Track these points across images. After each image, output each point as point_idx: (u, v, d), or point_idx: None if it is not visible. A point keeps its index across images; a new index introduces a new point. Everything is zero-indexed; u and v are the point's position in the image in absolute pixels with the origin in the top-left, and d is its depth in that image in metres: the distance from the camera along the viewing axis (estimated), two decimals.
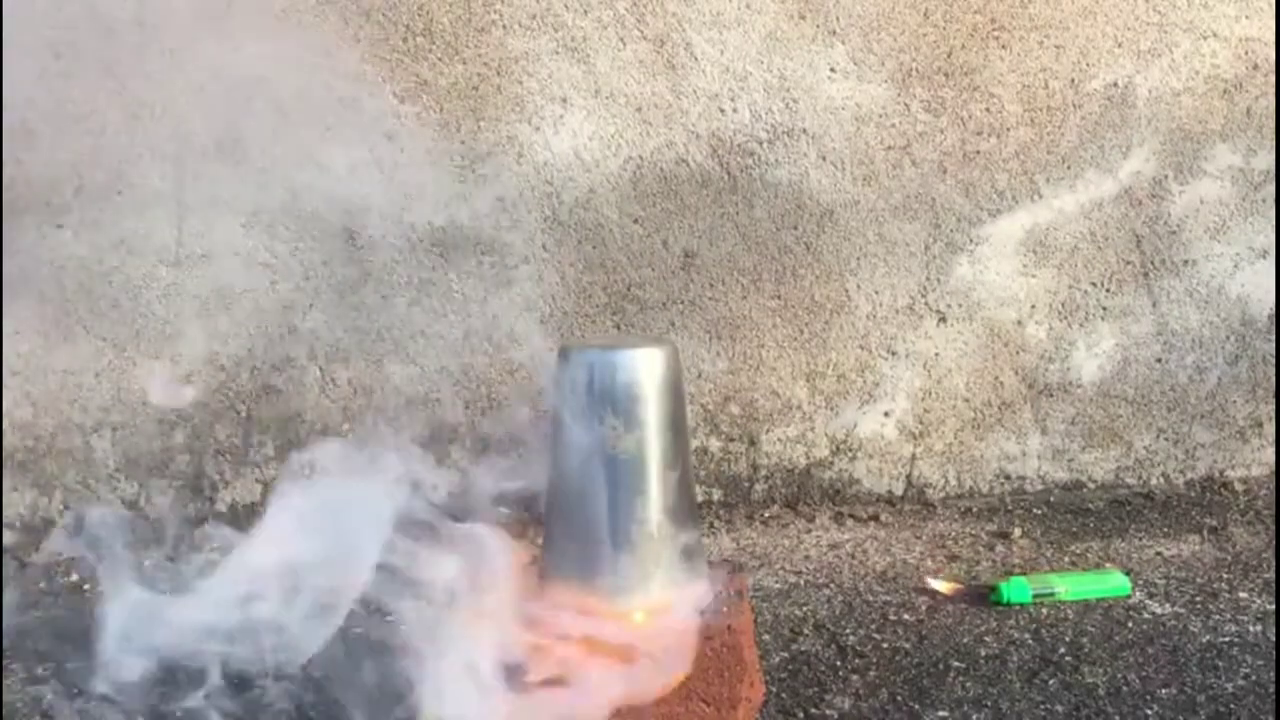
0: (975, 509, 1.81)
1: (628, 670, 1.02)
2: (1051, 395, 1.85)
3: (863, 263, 1.79)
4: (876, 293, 1.80)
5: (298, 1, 1.64)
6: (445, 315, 1.73)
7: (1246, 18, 1.77)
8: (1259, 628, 1.34)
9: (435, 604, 1.05)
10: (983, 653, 1.30)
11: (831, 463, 1.84)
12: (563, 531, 1.14)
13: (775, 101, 1.74)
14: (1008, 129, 1.77)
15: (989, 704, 1.17)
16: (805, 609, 1.44)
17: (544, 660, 1.03)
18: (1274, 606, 1.39)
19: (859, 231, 1.78)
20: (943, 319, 1.82)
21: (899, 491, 1.86)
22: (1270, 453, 1.88)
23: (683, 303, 1.77)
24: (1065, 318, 1.83)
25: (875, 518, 1.78)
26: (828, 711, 1.17)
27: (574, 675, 1.02)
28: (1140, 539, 1.66)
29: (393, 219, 1.70)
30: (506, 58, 1.68)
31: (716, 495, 1.83)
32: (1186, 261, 1.83)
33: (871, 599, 1.46)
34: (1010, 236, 1.80)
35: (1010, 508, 1.81)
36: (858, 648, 1.32)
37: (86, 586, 1.63)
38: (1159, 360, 1.85)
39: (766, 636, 1.34)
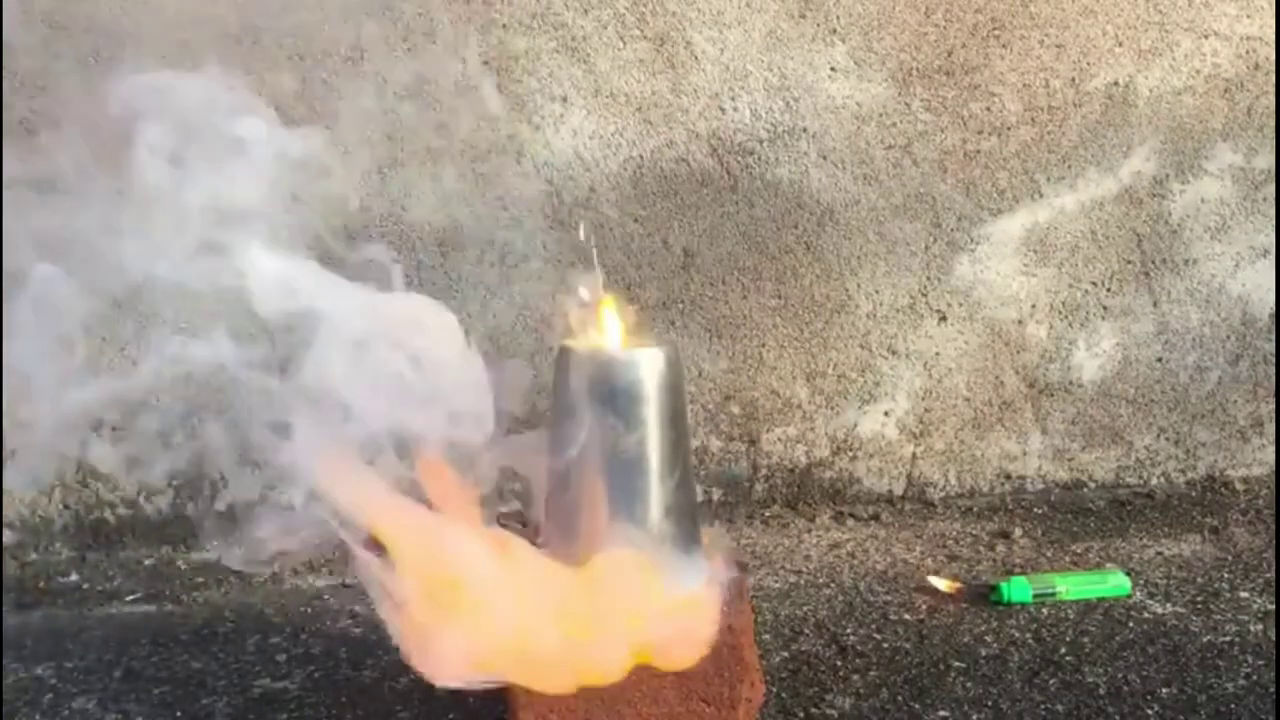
0: (976, 509, 1.81)
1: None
2: (1052, 395, 1.85)
3: (863, 262, 1.79)
4: (877, 292, 1.80)
5: None
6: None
7: (1248, 17, 1.77)
8: (1260, 627, 1.33)
9: None
10: (983, 652, 1.29)
11: (832, 462, 1.84)
12: (561, 532, 1.14)
13: (775, 101, 1.74)
14: (1008, 128, 1.77)
15: (989, 704, 1.17)
16: (805, 609, 1.43)
17: None
18: (1275, 606, 1.39)
19: (859, 231, 1.78)
20: (943, 318, 1.81)
21: (899, 491, 1.86)
22: (1271, 452, 1.88)
23: (683, 303, 1.77)
24: (1066, 317, 1.83)
25: (876, 517, 1.78)
26: (828, 711, 1.17)
27: None
28: (1141, 539, 1.66)
29: (393, 218, 1.70)
30: (506, 56, 1.68)
31: (716, 495, 1.83)
32: (1187, 261, 1.83)
33: (872, 599, 1.46)
34: (1011, 236, 1.80)
35: (1011, 507, 1.81)
36: (858, 647, 1.31)
37: (85, 586, 1.63)
38: (1160, 360, 1.85)
39: (767, 636, 1.34)
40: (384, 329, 1.00)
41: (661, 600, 1.04)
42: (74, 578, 1.65)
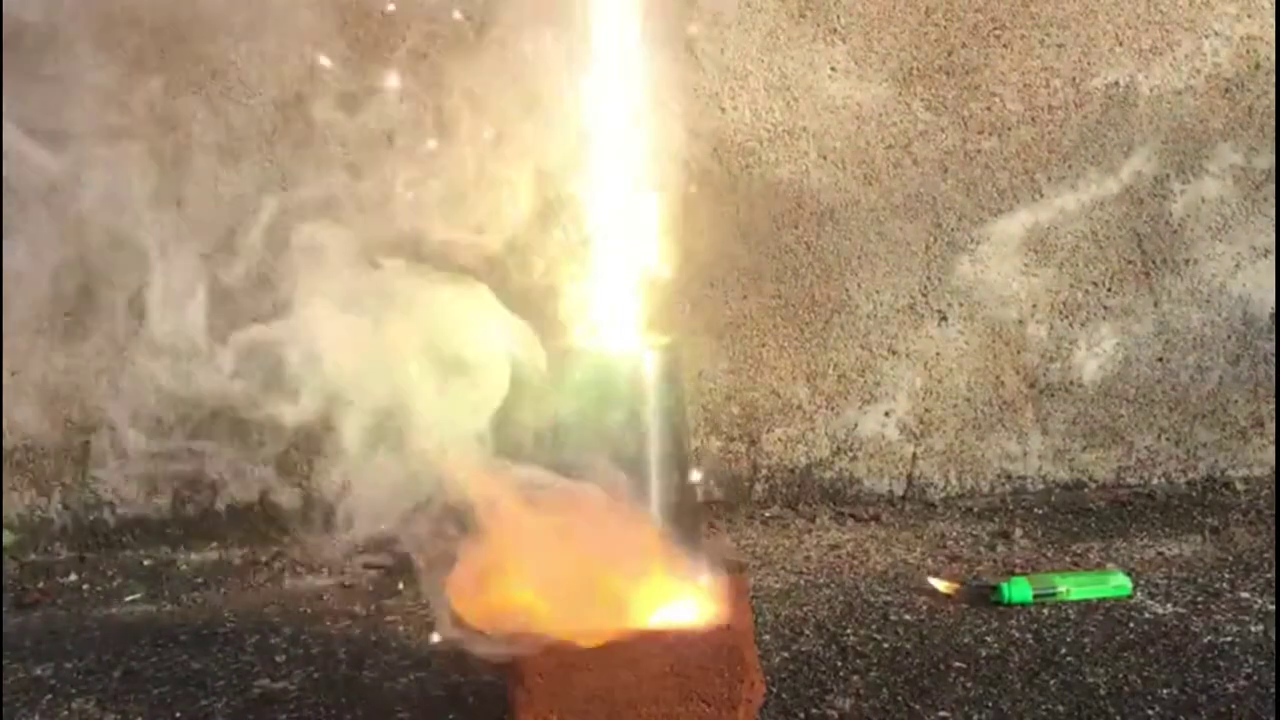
0: (976, 509, 1.81)
1: None
2: (1053, 395, 1.84)
3: (863, 262, 1.79)
4: (877, 292, 1.80)
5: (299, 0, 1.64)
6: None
7: (1248, 16, 1.77)
8: (1260, 628, 1.33)
9: None
10: (984, 653, 1.29)
11: (832, 462, 1.84)
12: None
13: (776, 100, 1.73)
14: (1009, 128, 1.77)
15: (990, 704, 1.17)
16: (806, 609, 1.43)
17: None
18: (1275, 607, 1.39)
19: (859, 231, 1.78)
20: (944, 318, 1.81)
21: (900, 491, 1.85)
22: (1271, 452, 1.88)
23: (683, 303, 1.76)
24: (1066, 317, 1.83)
25: (876, 518, 1.78)
26: (828, 712, 1.17)
27: None
28: (1141, 539, 1.66)
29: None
30: (507, 56, 1.68)
31: (717, 495, 1.82)
32: (1188, 261, 1.83)
33: (872, 599, 1.46)
34: (1011, 235, 1.80)
35: (1011, 508, 1.81)
36: (858, 648, 1.31)
37: (85, 586, 1.63)
38: (1160, 360, 1.85)
39: (767, 637, 1.34)
40: None
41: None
42: (74, 578, 1.65)
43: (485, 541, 1.03)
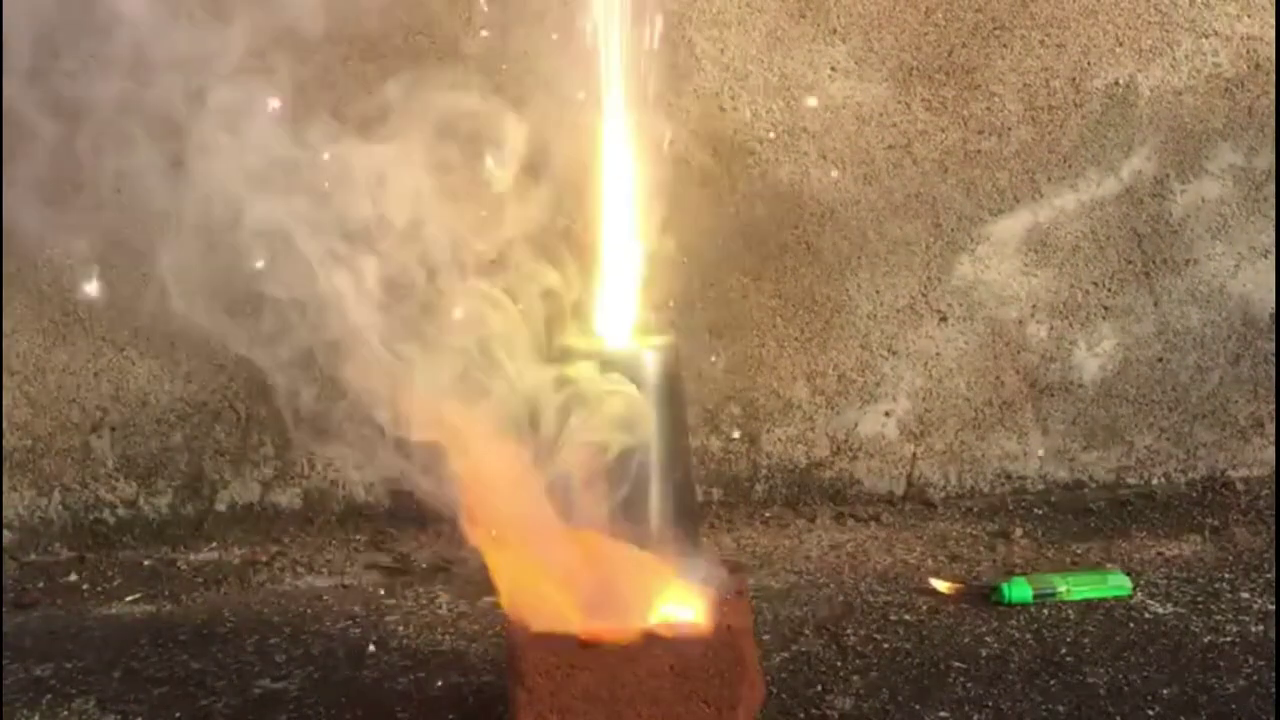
0: (976, 509, 1.81)
1: None
2: (1053, 395, 1.84)
3: (863, 262, 1.79)
4: (877, 292, 1.80)
5: None
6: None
7: (1248, 16, 1.77)
8: (1260, 628, 1.33)
9: None
10: (984, 653, 1.29)
11: (832, 462, 1.84)
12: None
13: (776, 100, 1.73)
14: (1009, 128, 1.77)
15: (990, 704, 1.17)
16: (806, 609, 1.43)
17: None
18: (1275, 607, 1.39)
19: (859, 231, 1.78)
20: (944, 318, 1.81)
21: (900, 491, 1.85)
22: (1271, 452, 1.87)
23: (683, 303, 1.76)
24: (1066, 317, 1.83)
25: (876, 518, 1.78)
26: (828, 712, 1.17)
27: None
28: (1141, 539, 1.66)
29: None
30: (508, 56, 1.68)
31: (716, 495, 1.82)
32: (1188, 261, 1.82)
33: (872, 599, 1.46)
34: (1011, 235, 1.80)
35: (1011, 508, 1.81)
36: (858, 648, 1.31)
37: (85, 586, 1.63)
38: (1160, 360, 1.85)
39: (767, 636, 1.34)
40: None
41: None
42: (74, 578, 1.65)
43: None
